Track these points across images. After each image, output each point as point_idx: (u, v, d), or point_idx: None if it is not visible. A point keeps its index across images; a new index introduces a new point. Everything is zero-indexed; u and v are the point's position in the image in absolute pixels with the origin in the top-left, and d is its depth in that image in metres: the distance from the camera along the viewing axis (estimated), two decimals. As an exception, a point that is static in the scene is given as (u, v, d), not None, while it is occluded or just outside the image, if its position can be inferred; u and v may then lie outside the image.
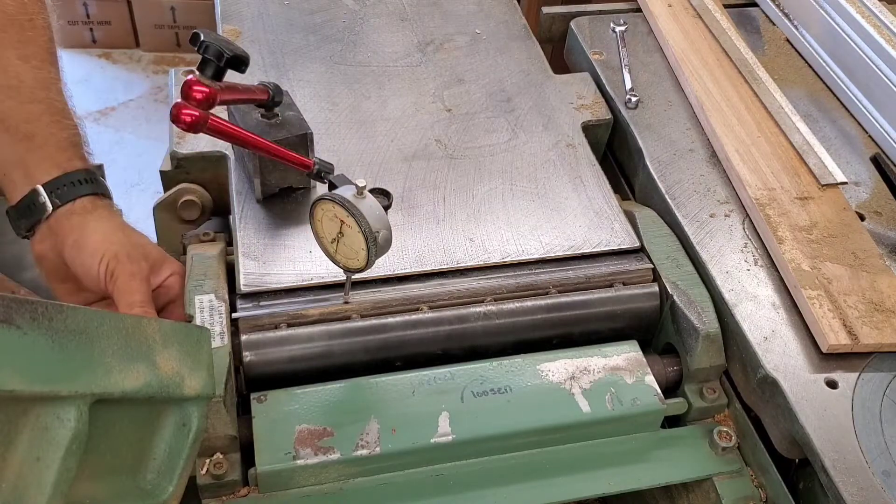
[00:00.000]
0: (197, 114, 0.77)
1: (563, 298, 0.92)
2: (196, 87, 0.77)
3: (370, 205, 0.77)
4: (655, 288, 0.94)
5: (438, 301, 0.90)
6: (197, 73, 0.78)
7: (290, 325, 0.86)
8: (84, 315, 0.54)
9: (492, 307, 0.90)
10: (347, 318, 0.87)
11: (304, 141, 0.92)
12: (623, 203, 1.03)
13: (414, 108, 1.13)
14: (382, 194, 0.79)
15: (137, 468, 0.64)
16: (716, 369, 0.90)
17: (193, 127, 0.77)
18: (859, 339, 0.83)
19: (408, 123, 1.10)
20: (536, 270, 0.94)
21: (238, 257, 0.90)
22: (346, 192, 0.77)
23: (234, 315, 0.85)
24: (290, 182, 0.97)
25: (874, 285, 0.89)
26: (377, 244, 0.77)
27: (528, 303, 0.92)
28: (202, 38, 0.77)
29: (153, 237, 1.07)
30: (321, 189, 0.94)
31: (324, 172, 0.86)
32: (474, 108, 1.14)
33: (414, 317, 0.89)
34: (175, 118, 0.77)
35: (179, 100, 0.77)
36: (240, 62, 0.78)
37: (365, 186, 0.76)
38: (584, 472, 0.84)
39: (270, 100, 0.91)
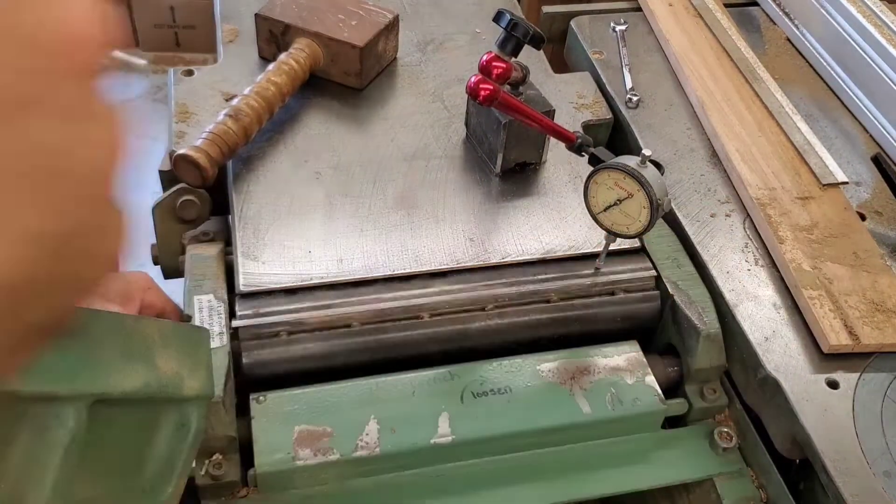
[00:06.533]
0: (492, 88, 0.84)
1: (564, 301, 0.92)
2: (495, 63, 0.85)
3: (653, 174, 0.79)
4: (656, 288, 0.94)
5: (440, 310, 0.89)
6: (496, 49, 0.86)
7: (290, 334, 0.86)
8: (84, 315, 0.54)
9: (495, 319, 0.90)
10: (348, 326, 0.87)
11: (551, 116, 0.98)
12: (624, 203, 1.03)
13: (414, 108, 1.12)
14: (655, 165, 0.81)
15: (136, 469, 0.63)
16: (716, 369, 0.89)
17: (488, 100, 0.84)
18: (860, 340, 0.83)
19: (407, 123, 1.10)
20: (538, 274, 0.93)
21: (237, 257, 0.90)
22: (628, 161, 0.79)
23: (233, 323, 0.84)
24: (526, 158, 1.02)
25: (875, 285, 0.89)
26: (661, 209, 0.79)
27: (531, 309, 0.92)
28: (509, 16, 0.85)
29: (152, 237, 1.06)
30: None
31: (585, 146, 0.88)
32: (474, 108, 1.13)
33: (414, 324, 0.89)
34: (473, 92, 0.84)
35: (478, 75, 0.85)
36: (540, 40, 0.87)
37: (650, 155, 0.79)
38: (585, 472, 0.84)
39: (523, 78, 0.97)
